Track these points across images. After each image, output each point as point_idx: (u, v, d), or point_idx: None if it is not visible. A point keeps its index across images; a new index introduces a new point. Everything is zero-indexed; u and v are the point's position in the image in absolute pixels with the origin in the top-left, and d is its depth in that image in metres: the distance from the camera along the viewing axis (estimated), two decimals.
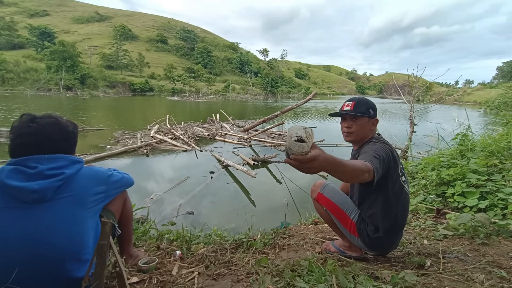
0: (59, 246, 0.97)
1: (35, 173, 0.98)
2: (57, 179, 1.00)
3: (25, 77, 39.54)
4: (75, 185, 1.04)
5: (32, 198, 0.95)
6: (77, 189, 1.04)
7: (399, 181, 1.38)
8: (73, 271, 1.01)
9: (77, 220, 1.02)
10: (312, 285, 1.19)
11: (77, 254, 1.02)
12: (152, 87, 52.07)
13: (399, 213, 1.39)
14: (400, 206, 1.39)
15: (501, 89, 32.71)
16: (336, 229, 1.60)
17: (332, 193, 1.55)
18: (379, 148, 1.32)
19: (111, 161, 6.03)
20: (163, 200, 4.03)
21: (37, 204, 0.97)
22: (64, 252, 0.98)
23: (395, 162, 1.34)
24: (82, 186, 1.06)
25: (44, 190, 0.97)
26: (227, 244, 1.82)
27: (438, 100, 10.80)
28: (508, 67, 76.87)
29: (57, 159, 1.04)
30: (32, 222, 0.95)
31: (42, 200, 0.97)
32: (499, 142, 3.34)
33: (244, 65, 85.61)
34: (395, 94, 12.53)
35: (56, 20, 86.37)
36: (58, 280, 1.00)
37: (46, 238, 0.95)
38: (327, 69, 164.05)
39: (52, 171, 1.00)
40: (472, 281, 1.19)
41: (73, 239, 1.00)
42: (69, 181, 1.03)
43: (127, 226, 1.44)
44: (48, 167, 1.01)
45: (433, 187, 2.99)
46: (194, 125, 11.17)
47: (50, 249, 0.96)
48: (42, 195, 0.96)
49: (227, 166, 5.72)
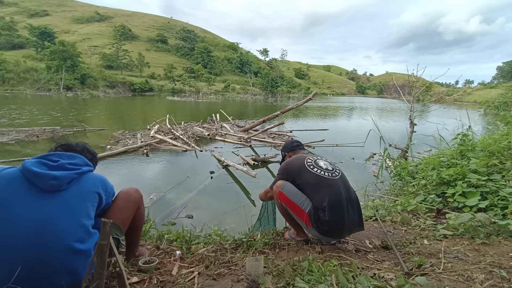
0: (63, 235, 1.03)
1: (57, 165, 1.12)
2: (75, 172, 1.14)
3: (25, 77, 39.48)
4: (85, 182, 1.17)
5: (51, 184, 1.06)
6: (87, 186, 1.17)
7: (311, 174, 1.75)
8: (75, 263, 1.05)
9: (83, 212, 1.11)
10: (312, 285, 1.19)
11: (79, 245, 1.06)
12: (152, 87, 51.97)
13: (327, 196, 1.66)
14: (326, 189, 1.69)
15: (501, 89, 32.72)
16: (291, 222, 1.89)
17: (290, 191, 1.78)
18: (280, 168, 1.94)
19: (111, 161, 6.04)
20: (163, 200, 4.03)
21: (53, 193, 1.07)
22: (67, 241, 1.03)
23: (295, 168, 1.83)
24: (91, 184, 1.19)
25: (63, 178, 1.09)
26: (227, 244, 1.82)
27: (438, 100, 10.79)
28: (508, 67, 76.79)
29: (76, 157, 1.21)
30: (46, 208, 1.04)
31: (58, 189, 1.08)
32: (499, 142, 3.34)
33: (244, 65, 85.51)
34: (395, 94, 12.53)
35: (56, 20, 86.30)
36: (57, 270, 1.02)
37: (53, 226, 1.02)
38: (327, 69, 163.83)
39: (71, 166, 1.15)
40: (472, 281, 1.19)
41: (77, 230, 1.07)
42: (81, 177, 1.17)
43: (137, 231, 1.47)
44: (68, 162, 1.16)
45: (433, 187, 2.99)
46: (194, 125, 11.16)
47: (54, 237, 1.01)
48: (60, 183, 1.08)
49: (227, 166, 5.72)
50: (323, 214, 1.65)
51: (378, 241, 1.85)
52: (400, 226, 2.20)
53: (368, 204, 2.85)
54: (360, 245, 1.82)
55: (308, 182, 1.75)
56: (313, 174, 1.75)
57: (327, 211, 1.63)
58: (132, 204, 1.36)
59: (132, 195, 1.37)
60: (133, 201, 1.36)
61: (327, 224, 1.64)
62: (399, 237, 1.93)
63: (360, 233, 2.04)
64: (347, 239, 1.92)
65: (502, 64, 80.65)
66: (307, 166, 1.80)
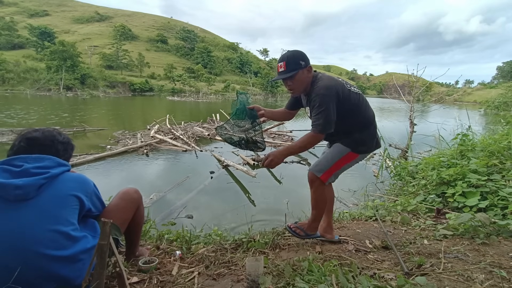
0: (38, 245, 0.95)
1: (20, 171, 0.99)
2: (41, 177, 1.00)
3: (25, 77, 39.46)
4: (60, 185, 1.05)
5: (15, 194, 0.95)
6: (61, 190, 1.04)
7: (352, 95, 1.60)
8: (60, 270, 0.99)
9: (59, 219, 1.00)
10: (312, 285, 1.19)
11: (59, 252, 0.99)
12: (152, 87, 51.94)
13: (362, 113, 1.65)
14: (363, 108, 1.65)
15: (501, 89, 32.72)
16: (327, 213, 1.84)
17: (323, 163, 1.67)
18: (322, 101, 1.49)
19: (111, 161, 6.04)
20: (163, 200, 4.03)
21: (20, 202, 0.96)
22: (43, 250, 0.96)
23: (343, 93, 1.55)
24: (67, 186, 1.06)
25: (27, 186, 0.97)
26: (227, 244, 1.82)
27: (438, 100, 10.80)
28: (508, 67, 76.80)
29: (44, 159, 1.06)
30: (14, 220, 0.95)
31: (25, 198, 0.97)
32: (499, 142, 3.34)
33: (244, 65, 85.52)
34: (395, 94, 12.55)
35: (56, 20, 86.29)
36: (45, 279, 0.98)
37: (25, 237, 0.94)
38: (327, 68, 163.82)
39: (38, 170, 1.01)
40: (472, 281, 1.19)
41: (54, 238, 0.98)
42: (53, 180, 1.04)
43: (137, 231, 1.46)
44: (34, 165, 1.02)
45: (433, 187, 2.99)
46: (194, 125, 11.16)
47: (31, 246, 0.94)
48: (25, 192, 0.97)
49: (227, 166, 5.72)
50: (367, 132, 1.67)
51: (378, 241, 1.85)
52: (400, 226, 2.20)
53: (368, 204, 2.85)
54: (360, 245, 1.82)
55: (355, 103, 1.61)
56: (354, 93, 1.62)
57: (373, 125, 1.69)
58: (131, 205, 1.35)
59: (132, 195, 1.36)
60: (132, 201, 1.36)
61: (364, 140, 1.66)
62: (399, 237, 1.93)
63: (360, 233, 2.04)
64: (347, 239, 1.92)
65: (502, 64, 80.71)
66: (345, 85, 1.62)
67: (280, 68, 1.57)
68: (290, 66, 1.53)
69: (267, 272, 1.36)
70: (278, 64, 1.58)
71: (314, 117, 1.52)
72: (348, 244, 1.84)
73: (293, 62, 1.53)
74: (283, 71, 1.55)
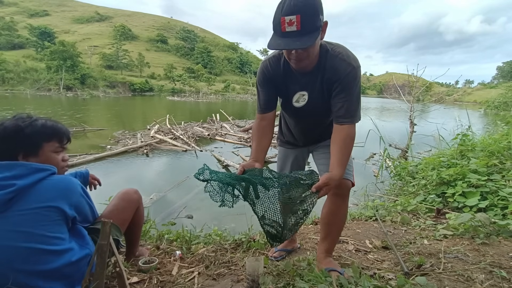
0: (16, 261, 0.86)
1: None
2: (7, 192, 0.87)
3: (25, 77, 39.48)
4: (34, 197, 0.91)
5: None
6: (37, 201, 0.91)
7: None
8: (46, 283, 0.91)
9: (32, 236, 0.89)
10: (312, 285, 1.18)
11: (41, 267, 0.90)
12: (152, 87, 52.00)
13: None
14: None
15: (501, 89, 32.72)
16: None
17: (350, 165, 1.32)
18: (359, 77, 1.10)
19: (111, 161, 6.03)
20: (163, 200, 4.03)
21: None
22: (22, 265, 0.87)
23: None
24: (44, 197, 0.92)
25: None
26: (227, 244, 1.82)
27: (438, 100, 10.80)
28: (508, 67, 76.85)
29: (15, 167, 0.92)
30: None
31: None
32: (499, 142, 3.35)
33: (244, 65, 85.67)
34: (395, 94, 12.54)
35: (56, 20, 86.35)
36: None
37: None
38: None
39: (4, 182, 0.88)
40: (472, 281, 1.19)
41: (29, 254, 0.88)
42: (26, 192, 0.91)
43: (137, 231, 1.46)
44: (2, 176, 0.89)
45: (433, 187, 2.99)
46: (194, 125, 11.16)
47: (6, 263, 0.86)
48: None
49: (227, 166, 5.72)
50: None
51: (378, 241, 1.85)
52: (400, 226, 2.20)
53: (368, 204, 2.85)
54: (360, 245, 1.82)
55: None
56: None
57: None
58: (131, 205, 1.35)
59: (131, 196, 1.36)
60: (132, 201, 1.36)
61: None
62: (399, 237, 1.93)
63: (360, 233, 2.04)
64: (347, 239, 1.91)
65: (502, 64, 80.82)
66: None
67: (289, 25, 0.91)
68: (309, 25, 0.92)
69: (267, 272, 1.36)
70: (284, 18, 0.91)
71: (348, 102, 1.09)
72: (348, 244, 1.84)
73: (313, 17, 0.92)
74: (295, 31, 0.92)
